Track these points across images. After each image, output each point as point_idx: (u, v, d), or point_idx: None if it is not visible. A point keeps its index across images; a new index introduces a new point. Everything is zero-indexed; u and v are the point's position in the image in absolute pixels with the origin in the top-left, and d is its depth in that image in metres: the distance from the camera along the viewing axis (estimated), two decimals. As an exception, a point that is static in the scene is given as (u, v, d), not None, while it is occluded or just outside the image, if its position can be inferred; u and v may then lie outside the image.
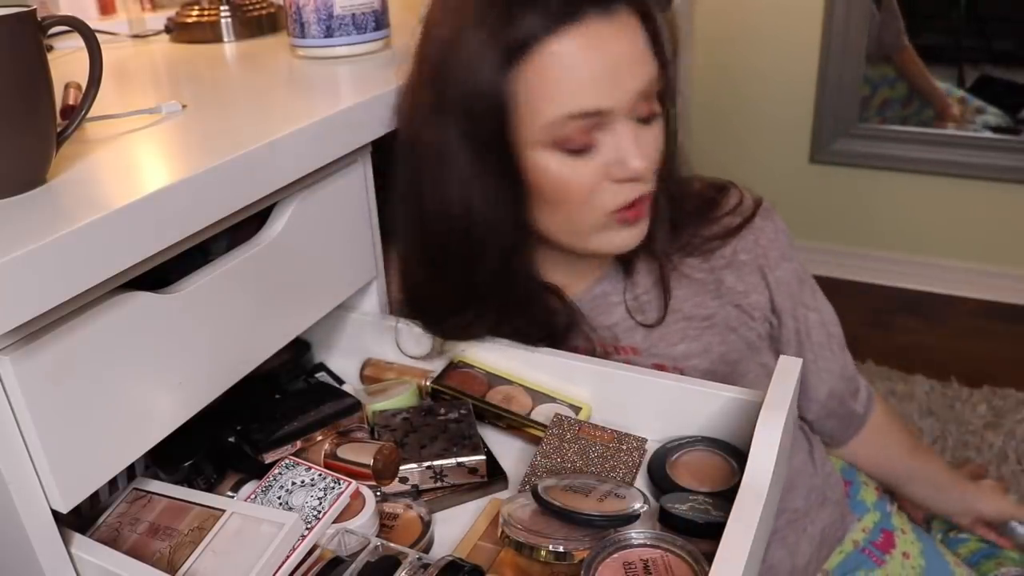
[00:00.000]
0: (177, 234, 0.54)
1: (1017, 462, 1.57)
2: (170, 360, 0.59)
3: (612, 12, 0.68)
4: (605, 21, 0.68)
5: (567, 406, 0.74)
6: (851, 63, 2.14)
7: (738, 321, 0.85)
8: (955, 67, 2.65)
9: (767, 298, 0.86)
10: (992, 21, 2.73)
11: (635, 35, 0.70)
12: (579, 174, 0.71)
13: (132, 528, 0.62)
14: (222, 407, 0.66)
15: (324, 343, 0.87)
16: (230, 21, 1.04)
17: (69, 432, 0.52)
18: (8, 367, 0.48)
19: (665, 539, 0.58)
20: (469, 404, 0.74)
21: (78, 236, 0.47)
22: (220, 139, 0.62)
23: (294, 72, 0.86)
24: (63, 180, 0.55)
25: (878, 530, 0.99)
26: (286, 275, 0.69)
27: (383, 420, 0.73)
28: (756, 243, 0.84)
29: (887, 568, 0.96)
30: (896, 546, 0.98)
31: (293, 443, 0.68)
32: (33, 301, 0.45)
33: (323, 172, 0.71)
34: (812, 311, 0.88)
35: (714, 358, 0.84)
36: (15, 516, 0.51)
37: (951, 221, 2.18)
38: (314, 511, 0.60)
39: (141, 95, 0.83)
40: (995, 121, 2.35)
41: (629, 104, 0.69)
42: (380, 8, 0.87)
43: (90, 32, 0.55)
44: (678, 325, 0.84)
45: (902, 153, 2.19)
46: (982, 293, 2.19)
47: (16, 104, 0.50)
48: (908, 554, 0.98)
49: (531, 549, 0.57)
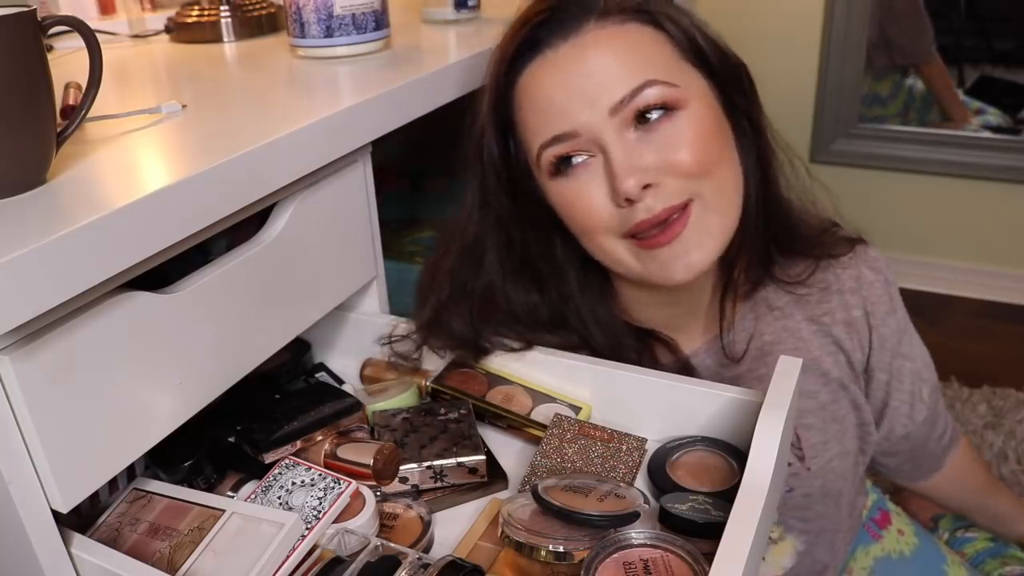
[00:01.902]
0: (177, 234, 0.54)
1: (1017, 462, 1.57)
2: (170, 360, 0.59)
3: (577, 32, 0.69)
4: (567, 44, 0.69)
5: (567, 406, 0.74)
6: (851, 63, 2.14)
7: (849, 379, 0.83)
8: (955, 67, 2.65)
9: (865, 356, 0.84)
10: (992, 21, 2.73)
11: (615, 45, 0.68)
12: (581, 197, 0.70)
13: (132, 528, 0.62)
14: (222, 407, 0.66)
15: (324, 343, 0.87)
16: (230, 21, 1.04)
17: (69, 432, 0.52)
18: (8, 367, 0.48)
19: (665, 539, 0.57)
20: (469, 404, 0.74)
21: (78, 236, 0.47)
22: (220, 139, 0.62)
23: (294, 72, 0.86)
24: (63, 180, 0.55)
25: (876, 508, 1.04)
26: (286, 275, 0.69)
27: (383, 420, 0.73)
28: (866, 300, 0.82)
29: (883, 543, 1.00)
30: (892, 523, 1.02)
31: (293, 443, 0.68)
32: (33, 301, 0.45)
33: (323, 172, 0.71)
34: (907, 360, 0.86)
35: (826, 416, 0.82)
36: (15, 516, 0.51)
37: (951, 221, 2.18)
38: (314, 511, 0.60)
39: (141, 95, 0.83)
40: (995, 121, 2.35)
41: (610, 118, 0.67)
42: (380, 8, 0.87)
43: (90, 32, 0.55)
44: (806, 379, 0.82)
45: (902, 153, 2.19)
46: (982, 293, 2.19)
47: (16, 104, 0.50)
48: (903, 531, 1.02)
49: (531, 549, 0.57)
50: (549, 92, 0.69)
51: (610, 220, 0.70)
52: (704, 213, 0.70)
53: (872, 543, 1.00)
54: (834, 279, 0.83)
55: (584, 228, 0.73)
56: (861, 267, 0.83)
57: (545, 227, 0.78)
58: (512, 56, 0.72)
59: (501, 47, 0.73)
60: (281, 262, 0.68)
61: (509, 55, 0.72)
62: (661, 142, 0.68)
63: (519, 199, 0.76)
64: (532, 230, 0.78)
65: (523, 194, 0.76)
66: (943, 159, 2.15)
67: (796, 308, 0.82)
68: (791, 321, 0.82)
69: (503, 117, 0.74)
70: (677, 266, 0.70)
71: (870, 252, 0.85)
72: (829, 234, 0.84)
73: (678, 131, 0.68)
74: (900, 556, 0.99)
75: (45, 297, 0.46)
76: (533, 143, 0.72)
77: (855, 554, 0.98)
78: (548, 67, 0.70)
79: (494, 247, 0.78)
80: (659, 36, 0.70)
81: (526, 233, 0.78)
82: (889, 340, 0.84)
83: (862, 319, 0.83)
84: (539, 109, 0.70)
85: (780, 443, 0.59)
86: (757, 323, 0.82)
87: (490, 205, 0.76)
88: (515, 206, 0.76)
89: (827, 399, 0.82)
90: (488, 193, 0.76)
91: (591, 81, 0.68)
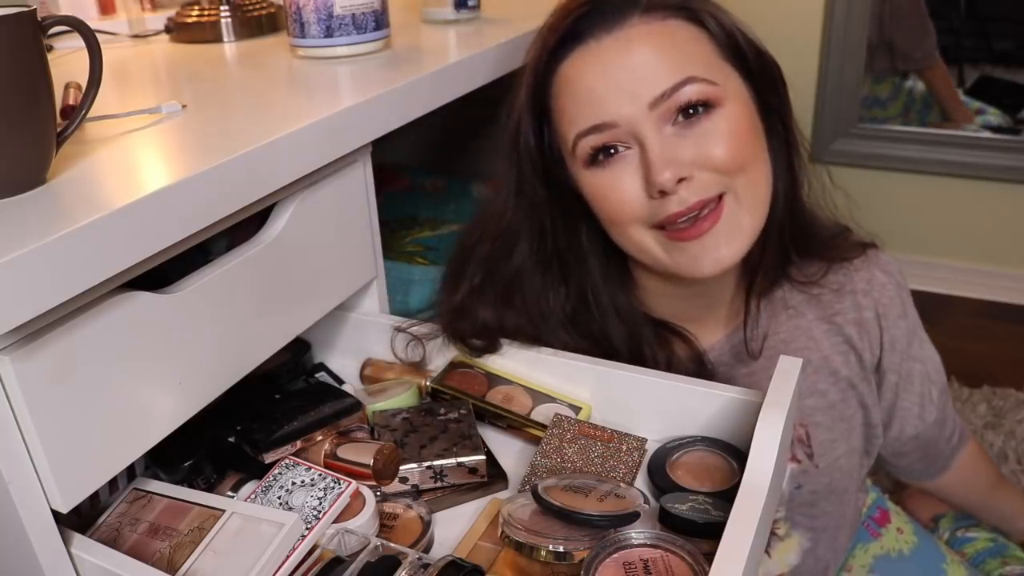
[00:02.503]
0: (177, 234, 0.54)
1: (1017, 462, 1.57)
2: (170, 360, 0.59)
3: (621, 25, 0.69)
4: (611, 37, 0.69)
5: (567, 406, 0.74)
6: (851, 63, 2.14)
7: (859, 379, 0.84)
8: (955, 67, 2.65)
9: (876, 357, 0.85)
10: (992, 21, 2.73)
11: (658, 40, 0.69)
12: (614, 188, 0.71)
13: (132, 528, 0.62)
14: (222, 407, 0.66)
15: (324, 343, 0.87)
16: (230, 21, 1.04)
17: (69, 432, 0.52)
18: (8, 367, 0.48)
19: (665, 539, 0.57)
20: (469, 404, 0.74)
21: (78, 236, 0.47)
22: (220, 139, 0.62)
23: (294, 72, 0.86)
24: (63, 180, 0.55)
25: (875, 506, 1.05)
26: (286, 275, 0.69)
27: (383, 420, 0.73)
28: (878, 302, 0.83)
29: (883, 541, 1.01)
30: (892, 521, 1.03)
31: (293, 443, 0.68)
32: (33, 301, 0.45)
33: (323, 172, 0.71)
34: (917, 362, 0.87)
35: (835, 415, 0.83)
36: (15, 516, 0.51)
37: (951, 221, 2.18)
38: (314, 511, 0.60)
39: (141, 95, 0.83)
40: (995, 121, 2.35)
41: (649, 112, 0.68)
42: (380, 8, 0.87)
43: (90, 32, 0.55)
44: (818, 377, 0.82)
45: (902, 153, 2.19)
46: (982, 293, 2.19)
47: (16, 104, 0.50)
48: (902, 530, 1.03)
49: (531, 549, 0.57)
50: (590, 83, 0.70)
51: (641, 211, 0.71)
52: (736, 208, 0.71)
53: (871, 541, 1.01)
54: (847, 280, 0.84)
55: (615, 218, 0.73)
56: (873, 270, 0.84)
57: (573, 216, 0.78)
58: (554, 46, 0.72)
59: (542, 36, 0.74)
60: (281, 262, 0.68)
61: (551, 44, 0.72)
62: (698, 137, 0.69)
63: (551, 187, 0.77)
64: (561, 219, 0.78)
65: (556, 183, 0.76)
66: (943, 159, 2.15)
67: (809, 308, 0.83)
68: (804, 320, 0.83)
69: (540, 105, 0.75)
70: (706, 260, 0.71)
71: (882, 256, 0.86)
72: (842, 237, 0.85)
73: (715, 127, 0.69)
74: (899, 554, 1.00)
75: (45, 297, 0.46)
76: (570, 132, 0.72)
77: (854, 552, 0.99)
78: (591, 58, 0.70)
79: (527, 236, 0.78)
80: (701, 34, 0.71)
81: (556, 222, 0.78)
82: (899, 342, 0.85)
83: (873, 320, 0.84)
84: (579, 99, 0.71)
85: (780, 443, 0.59)
86: (771, 321, 0.83)
87: (524, 193, 0.77)
88: (548, 194, 0.77)
89: (836, 398, 0.83)
90: (523, 181, 0.77)
91: (633, 75, 0.68)
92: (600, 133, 0.70)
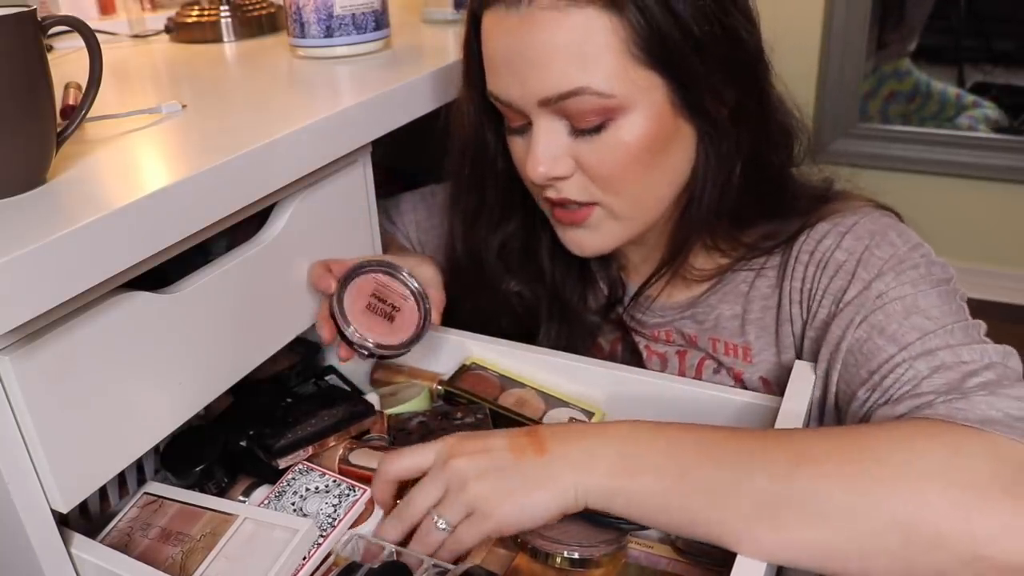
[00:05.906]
0: (177, 234, 0.54)
1: (1017, 462, 1.57)
2: (170, 360, 0.59)
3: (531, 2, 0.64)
4: (517, 12, 0.64)
5: (580, 411, 0.73)
6: (851, 63, 2.14)
7: None
8: (955, 67, 2.65)
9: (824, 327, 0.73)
10: (992, 21, 2.73)
11: (561, 34, 0.63)
12: (517, 155, 0.72)
13: (144, 533, 0.62)
14: (233, 411, 0.65)
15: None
16: (230, 21, 1.04)
17: (69, 432, 0.52)
18: (8, 367, 0.47)
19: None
20: (486, 408, 0.73)
21: (78, 236, 0.47)
22: (220, 139, 0.62)
23: (294, 72, 0.86)
24: (63, 180, 0.55)
25: None
26: (286, 275, 0.69)
27: (399, 424, 0.72)
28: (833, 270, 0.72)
29: None
30: None
31: (306, 448, 0.67)
32: (33, 301, 0.45)
33: (323, 172, 0.71)
34: None
35: None
36: (15, 516, 0.51)
37: (951, 221, 2.18)
38: (329, 518, 0.60)
39: (141, 95, 0.83)
40: (992, 115, 2.36)
41: (539, 105, 0.66)
42: (380, 8, 0.87)
43: (90, 32, 0.55)
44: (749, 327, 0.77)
45: (902, 153, 2.19)
46: (982, 293, 2.18)
47: (16, 104, 0.50)
48: None
49: (546, 556, 0.57)
50: (492, 50, 0.68)
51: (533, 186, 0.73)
52: (605, 218, 0.71)
53: None
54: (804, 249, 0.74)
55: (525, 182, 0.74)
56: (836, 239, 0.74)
57: None
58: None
59: None
60: (281, 262, 0.68)
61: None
62: (584, 146, 0.67)
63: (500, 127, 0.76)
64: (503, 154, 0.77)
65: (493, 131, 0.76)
66: (943, 159, 2.15)
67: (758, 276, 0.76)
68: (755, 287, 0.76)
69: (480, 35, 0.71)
70: (573, 246, 0.74)
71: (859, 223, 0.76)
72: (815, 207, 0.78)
73: (603, 143, 0.66)
74: None
75: (45, 297, 0.46)
76: (488, 83, 0.71)
77: None
78: (497, 23, 0.67)
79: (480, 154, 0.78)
80: (617, 26, 0.63)
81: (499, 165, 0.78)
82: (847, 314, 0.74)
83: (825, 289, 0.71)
84: (487, 58, 0.70)
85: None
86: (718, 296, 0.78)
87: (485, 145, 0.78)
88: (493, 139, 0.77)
89: None
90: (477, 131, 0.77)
91: (528, 63, 0.65)
92: (501, 104, 0.70)
